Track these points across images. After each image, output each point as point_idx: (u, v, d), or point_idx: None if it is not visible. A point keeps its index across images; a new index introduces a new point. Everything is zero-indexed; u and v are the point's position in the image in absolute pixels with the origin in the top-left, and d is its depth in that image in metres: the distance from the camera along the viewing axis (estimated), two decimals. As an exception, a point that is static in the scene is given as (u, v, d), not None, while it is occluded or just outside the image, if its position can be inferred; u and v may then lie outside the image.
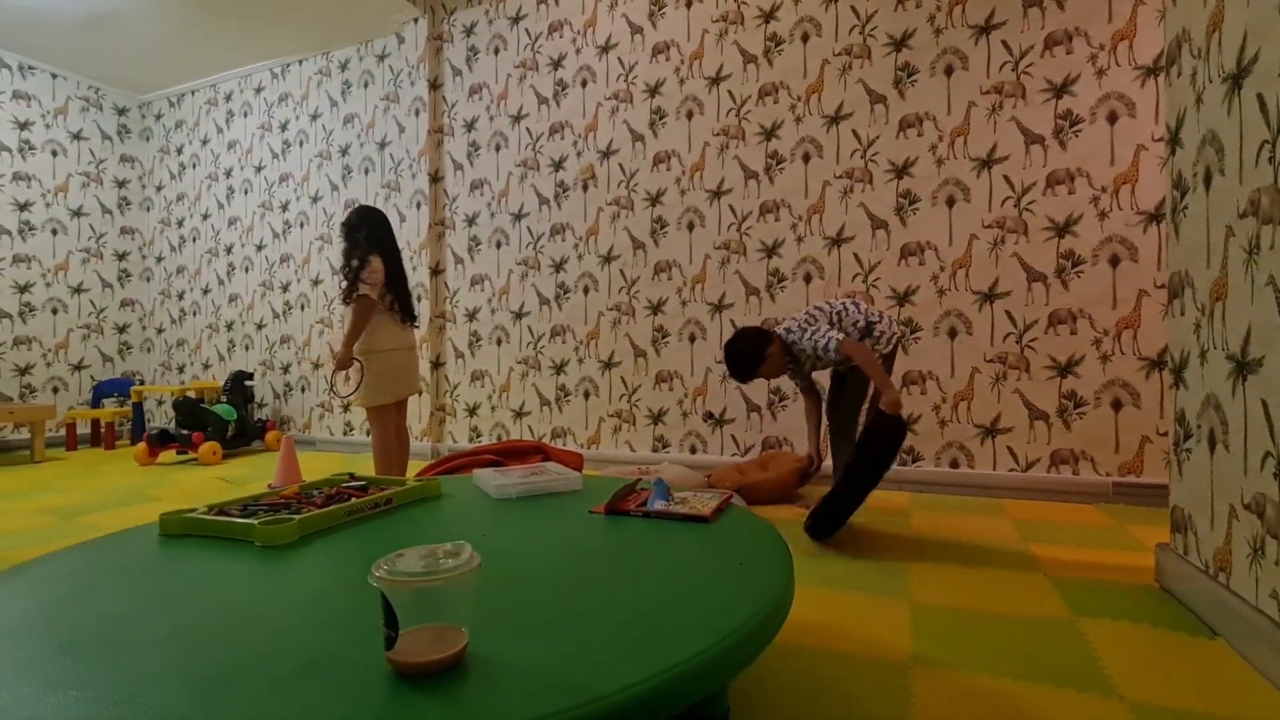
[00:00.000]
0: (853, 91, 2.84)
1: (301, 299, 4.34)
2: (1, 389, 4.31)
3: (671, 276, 3.21)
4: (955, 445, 2.67)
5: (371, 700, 0.55)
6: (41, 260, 4.52)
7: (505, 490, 1.34)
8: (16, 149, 4.39)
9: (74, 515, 2.47)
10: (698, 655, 0.63)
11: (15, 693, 0.57)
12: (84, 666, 0.62)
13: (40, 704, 0.55)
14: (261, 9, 3.79)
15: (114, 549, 1.00)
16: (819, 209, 2.90)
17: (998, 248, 2.61)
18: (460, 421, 3.79)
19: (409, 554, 0.62)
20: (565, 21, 3.48)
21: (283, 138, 4.43)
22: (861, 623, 1.36)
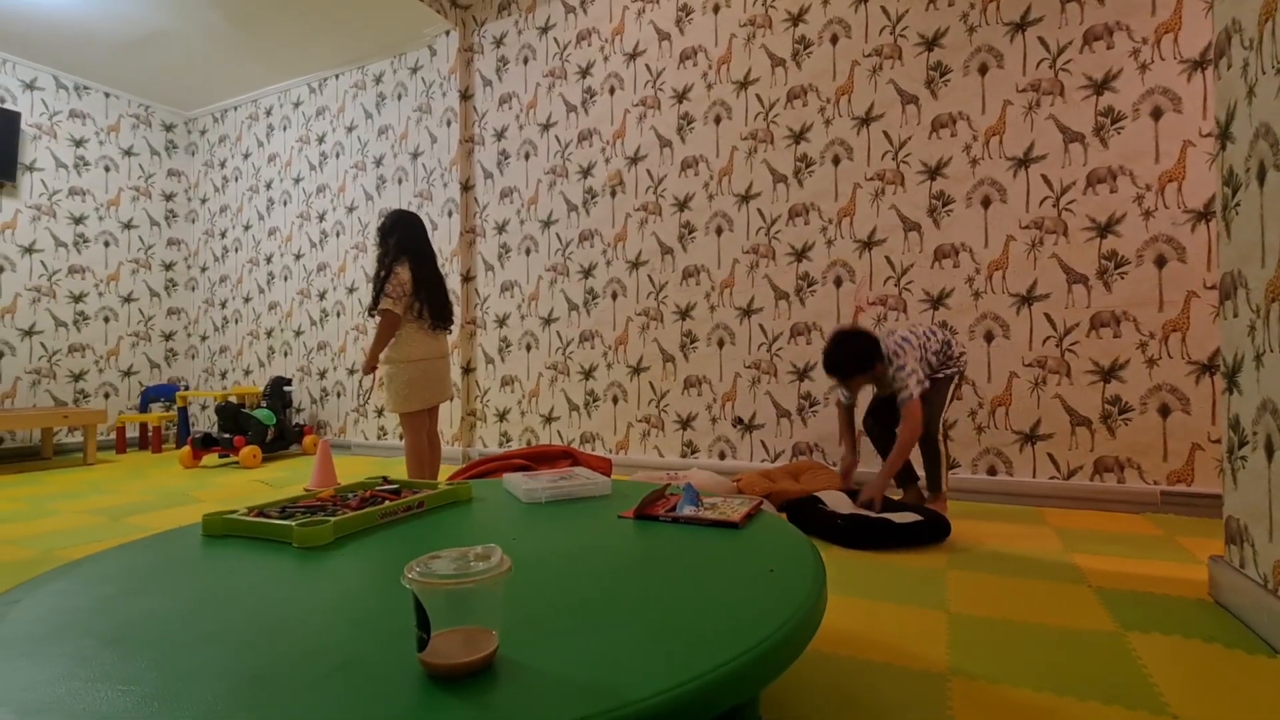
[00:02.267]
0: (883, 92, 2.80)
1: (338, 306, 4.44)
2: (57, 394, 4.51)
3: (700, 281, 3.20)
4: (993, 452, 2.59)
5: (404, 701, 0.56)
6: (94, 271, 4.72)
7: (535, 494, 1.35)
8: (72, 165, 4.61)
9: (122, 516, 2.57)
10: (728, 663, 0.62)
11: (69, 685, 0.59)
12: (131, 661, 0.64)
13: (91, 697, 0.57)
14: (300, 25, 3.91)
15: (159, 549, 1.04)
16: (849, 212, 2.87)
17: (1036, 249, 2.54)
18: (490, 426, 3.83)
19: (441, 556, 0.63)
20: (593, 30, 3.51)
21: (320, 150, 4.55)
22: (896, 633, 1.33)
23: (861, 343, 2.16)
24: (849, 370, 2.15)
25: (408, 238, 2.44)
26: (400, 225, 2.46)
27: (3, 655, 0.66)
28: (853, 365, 2.14)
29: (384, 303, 2.34)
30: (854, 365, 2.14)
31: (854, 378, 2.17)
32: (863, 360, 2.13)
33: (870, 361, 2.13)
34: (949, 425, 2.65)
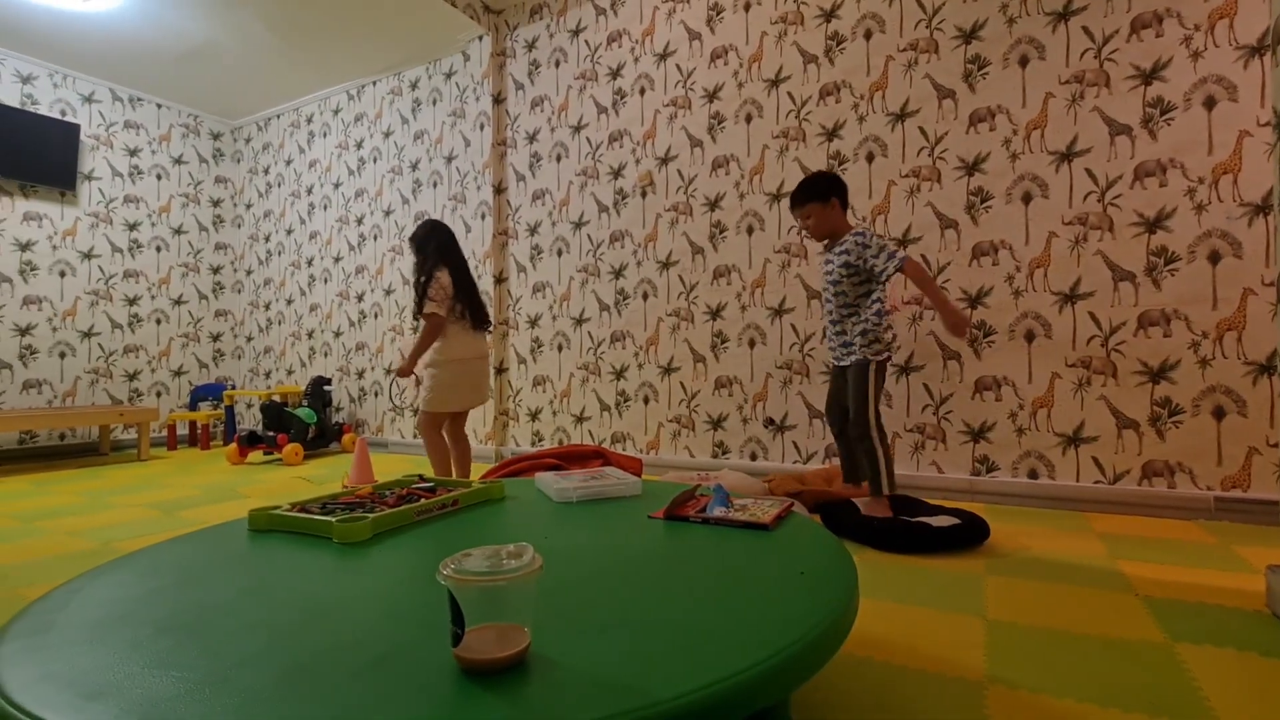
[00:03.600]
0: (919, 87, 2.75)
1: (375, 308, 4.55)
2: (113, 392, 4.72)
3: (731, 281, 3.19)
4: (1034, 455, 2.52)
5: (439, 695, 0.57)
6: (147, 275, 4.93)
7: (566, 494, 1.37)
8: (127, 173, 4.82)
9: (174, 510, 2.68)
10: (757, 665, 0.62)
11: (126, 670, 0.62)
12: (183, 649, 0.67)
13: (147, 682, 0.60)
14: (339, 35, 4.02)
15: (208, 542, 1.08)
16: (884, 209, 2.82)
17: (1080, 245, 2.46)
18: (523, 426, 3.88)
19: (474, 554, 0.64)
20: (624, 31, 3.53)
21: (358, 155, 4.67)
22: (932, 638, 1.30)
23: (828, 177, 2.22)
24: (806, 191, 2.18)
25: (444, 245, 2.51)
26: (436, 233, 2.54)
27: (66, 641, 0.70)
28: (813, 186, 2.17)
29: (429, 306, 2.41)
30: (816, 186, 2.17)
31: (807, 204, 2.18)
32: (824, 184, 2.17)
33: (827, 192, 2.16)
34: (987, 429, 2.59)
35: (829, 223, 2.18)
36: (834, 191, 2.17)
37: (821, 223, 2.19)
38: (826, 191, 2.17)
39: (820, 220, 2.18)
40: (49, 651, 0.67)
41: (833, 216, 2.18)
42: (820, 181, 2.19)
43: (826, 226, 2.19)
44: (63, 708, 0.55)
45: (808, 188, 2.19)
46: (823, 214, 2.18)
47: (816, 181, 2.20)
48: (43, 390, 4.37)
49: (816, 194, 2.17)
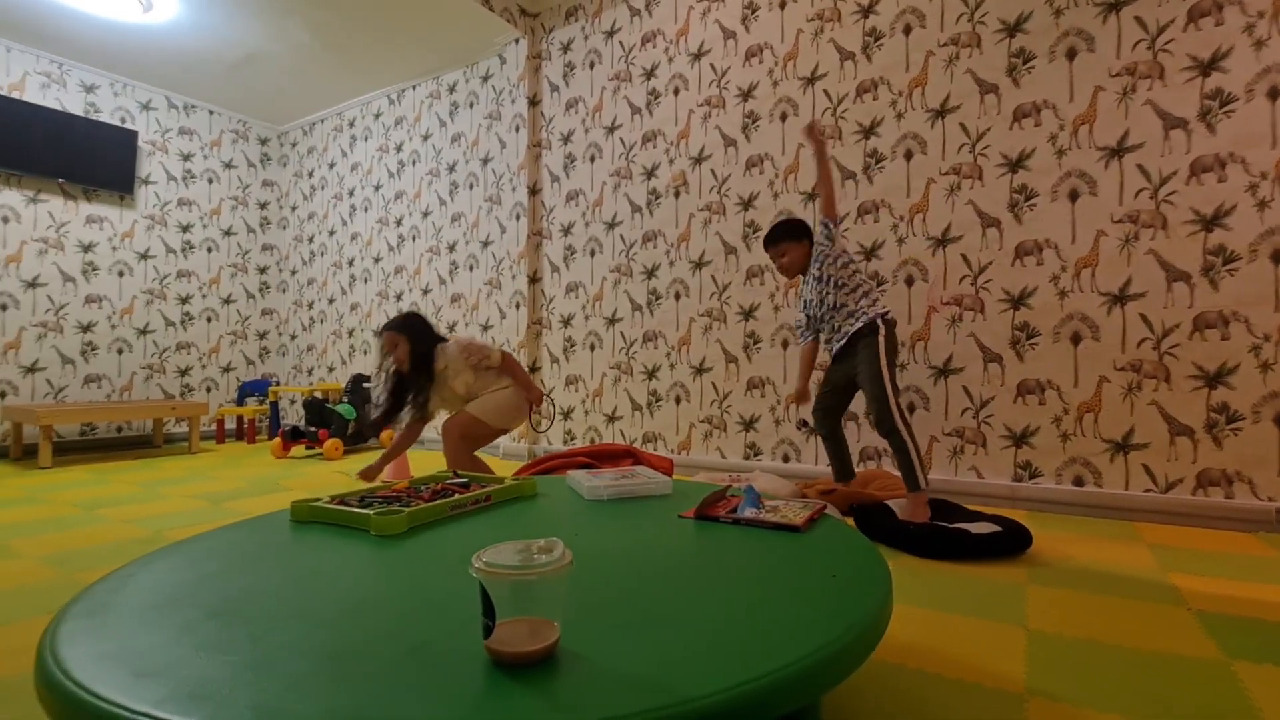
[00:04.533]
0: (960, 83, 2.68)
1: (413, 307, 4.65)
2: (166, 387, 4.93)
3: (764, 281, 3.16)
4: (1080, 461, 2.43)
5: (471, 686, 0.58)
6: (199, 275, 5.14)
7: (597, 491, 1.37)
8: (181, 178, 5.03)
9: (221, 501, 2.78)
10: (786, 667, 0.61)
11: (176, 651, 0.65)
12: (230, 633, 0.70)
13: (195, 664, 0.63)
14: (381, 41, 4.12)
15: (254, 532, 1.12)
16: (922, 208, 2.76)
17: (1130, 244, 2.37)
18: (555, 425, 3.91)
19: (506, 548, 0.65)
20: (658, 32, 3.53)
21: (398, 158, 4.78)
22: (970, 647, 1.27)
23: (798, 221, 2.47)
24: (778, 232, 2.42)
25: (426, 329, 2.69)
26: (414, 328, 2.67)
27: (122, 622, 0.73)
28: (782, 230, 2.42)
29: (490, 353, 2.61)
30: (783, 230, 2.42)
31: (781, 242, 2.42)
32: (795, 229, 2.42)
33: (800, 233, 2.41)
34: (1030, 433, 2.51)
35: (802, 259, 2.42)
36: (806, 234, 2.44)
37: (795, 260, 2.42)
38: (801, 233, 2.42)
39: (794, 258, 2.42)
40: (105, 632, 0.70)
41: (804, 254, 2.42)
42: (799, 224, 2.45)
43: (800, 264, 2.43)
44: (117, 685, 0.58)
45: (790, 228, 2.43)
46: (797, 251, 2.41)
47: (796, 224, 2.45)
48: (102, 385, 4.59)
49: (795, 234, 2.41)
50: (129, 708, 0.54)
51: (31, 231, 4.27)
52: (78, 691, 0.58)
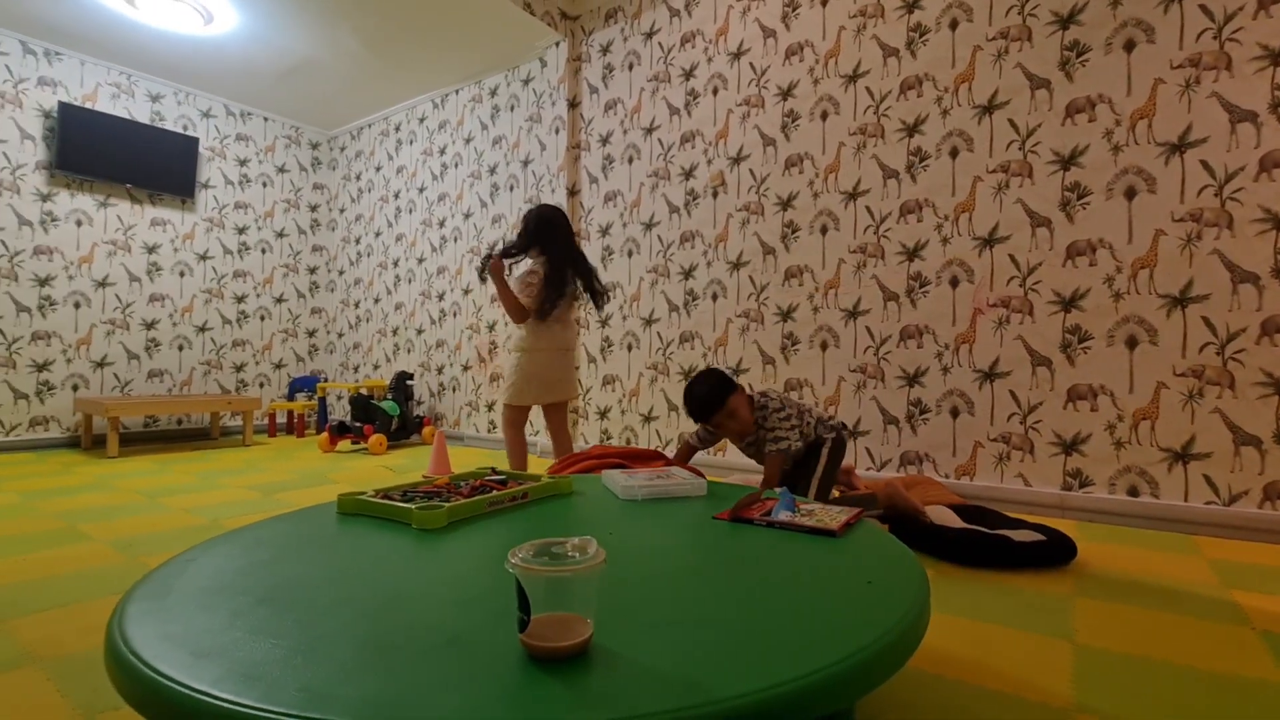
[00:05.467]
0: (1010, 78, 2.60)
1: (454, 307, 4.75)
2: (223, 382, 5.16)
3: (803, 282, 3.12)
4: (1135, 470, 2.33)
5: (507, 678, 0.60)
6: (253, 275, 5.36)
7: (632, 491, 1.38)
8: (237, 182, 5.25)
9: (273, 492, 2.90)
10: (818, 671, 0.61)
11: (231, 635, 0.69)
12: (278, 619, 0.73)
13: (248, 647, 0.66)
14: (426, 47, 4.23)
15: (302, 522, 1.17)
16: (968, 207, 2.68)
17: (1192, 244, 2.26)
18: (592, 424, 3.94)
19: (541, 545, 0.66)
20: (697, 32, 3.53)
21: (441, 161, 4.89)
22: (1013, 660, 1.23)
23: (712, 377, 2.23)
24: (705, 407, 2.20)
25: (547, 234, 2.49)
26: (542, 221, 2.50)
27: (182, 605, 0.77)
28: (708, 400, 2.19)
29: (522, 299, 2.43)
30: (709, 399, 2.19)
31: (715, 413, 2.20)
32: (716, 392, 2.19)
33: (723, 391, 2.19)
34: (1080, 440, 2.42)
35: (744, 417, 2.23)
36: (727, 393, 2.21)
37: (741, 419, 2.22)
38: (721, 397, 2.19)
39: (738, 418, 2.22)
40: (167, 614, 0.75)
41: (741, 408, 2.22)
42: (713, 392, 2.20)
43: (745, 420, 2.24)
44: (178, 664, 0.62)
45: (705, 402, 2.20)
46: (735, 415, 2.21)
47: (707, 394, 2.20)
48: (164, 379, 4.84)
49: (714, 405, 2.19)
50: (190, 686, 0.58)
51: (101, 234, 4.53)
52: (144, 669, 0.62)
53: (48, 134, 4.27)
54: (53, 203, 4.31)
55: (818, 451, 2.27)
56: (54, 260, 4.32)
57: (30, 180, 4.22)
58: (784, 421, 2.23)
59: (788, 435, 2.21)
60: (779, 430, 2.22)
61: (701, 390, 2.23)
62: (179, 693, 0.57)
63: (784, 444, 2.20)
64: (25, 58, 4.18)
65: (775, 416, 2.24)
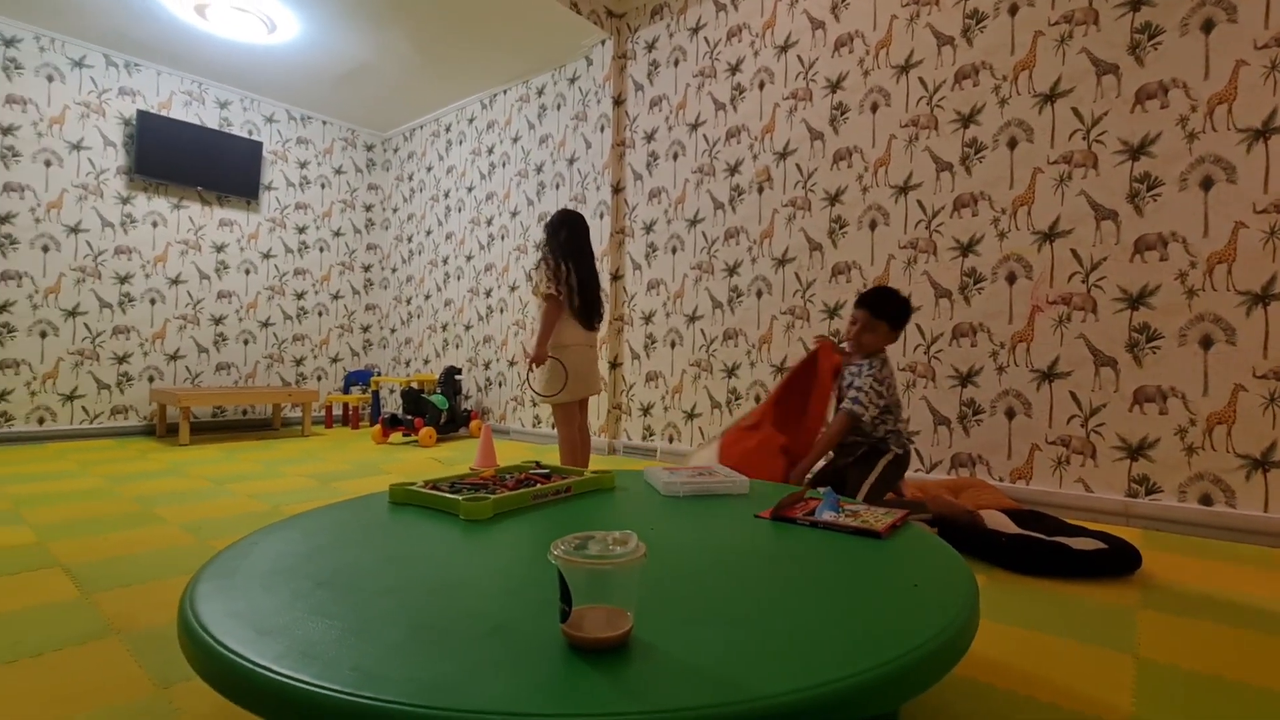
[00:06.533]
0: (1074, 64, 2.48)
1: (501, 303, 4.85)
2: (284, 375, 5.40)
3: (850, 279, 3.06)
4: (1208, 478, 2.20)
5: (548, 667, 0.61)
6: (312, 272, 5.59)
7: (673, 488, 1.39)
8: (298, 183, 5.48)
9: (329, 481, 3.02)
10: (859, 674, 0.60)
11: (291, 614, 0.73)
12: (335, 601, 0.77)
13: (306, 626, 0.69)
14: (476, 50, 4.32)
15: (356, 510, 1.22)
16: (1026, 200, 2.58)
17: (1276, 237, 2.11)
18: (635, 420, 3.96)
19: (582, 538, 0.68)
20: (744, 25, 3.49)
21: (489, 160, 4.99)
22: (1068, 671, 1.19)
23: (897, 300, 2.19)
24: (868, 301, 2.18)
25: (571, 237, 2.57)
26: (566, 224, 2.59)
27: (247, 585, 0.82)
28: (875, 300, 2.18)
29: (546, 287, 2.47)
30: (875, 301, 2.17)
31: (861, 308, 2.18)
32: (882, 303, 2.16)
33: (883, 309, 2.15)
34: (1147, 445, 2.30)
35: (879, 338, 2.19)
36: (887, 315, 2.17)
37: (862, 332, 2.19)
38: (882, 309, 2.17)
39: (863, 329, 2.19)
40: (233, 593, 0.79)
41: (883, 332, 2.18)
42: (883, 297, 2.20)
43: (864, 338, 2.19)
44: (243, 640, 0.66)
45: (874, 297, 2.21)
46: (869, 326, 2.18)
47: (881, 295, 2.21)
48: (230, 372, 5.10)
49: (873, 305, 2.18)
50: (254, 660, 0.61)
51: (175, 234, 4.80)
52: (212, 644, 0.66)
53: (127, 140, 4.54)
54: (131, 205, 4.59)
55: (876, 458, 2.18)
56: (132, 259, 4.60)
57: (112, 184, 4.50)
58: (870, 391, 2.11)
59: (866, 404, 2.10)
60: (862, 393, 2.11)
61: (885, 292, 2.23)
62: (244, 667, 0.61)
63: (857, 407, 2.10)
64: (108, 69, 4.46)
65: (869, 379, 2.12)
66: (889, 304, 2.18)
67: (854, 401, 2.12)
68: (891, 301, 2.18)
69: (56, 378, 4.28)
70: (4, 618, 1.38)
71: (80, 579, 1.63)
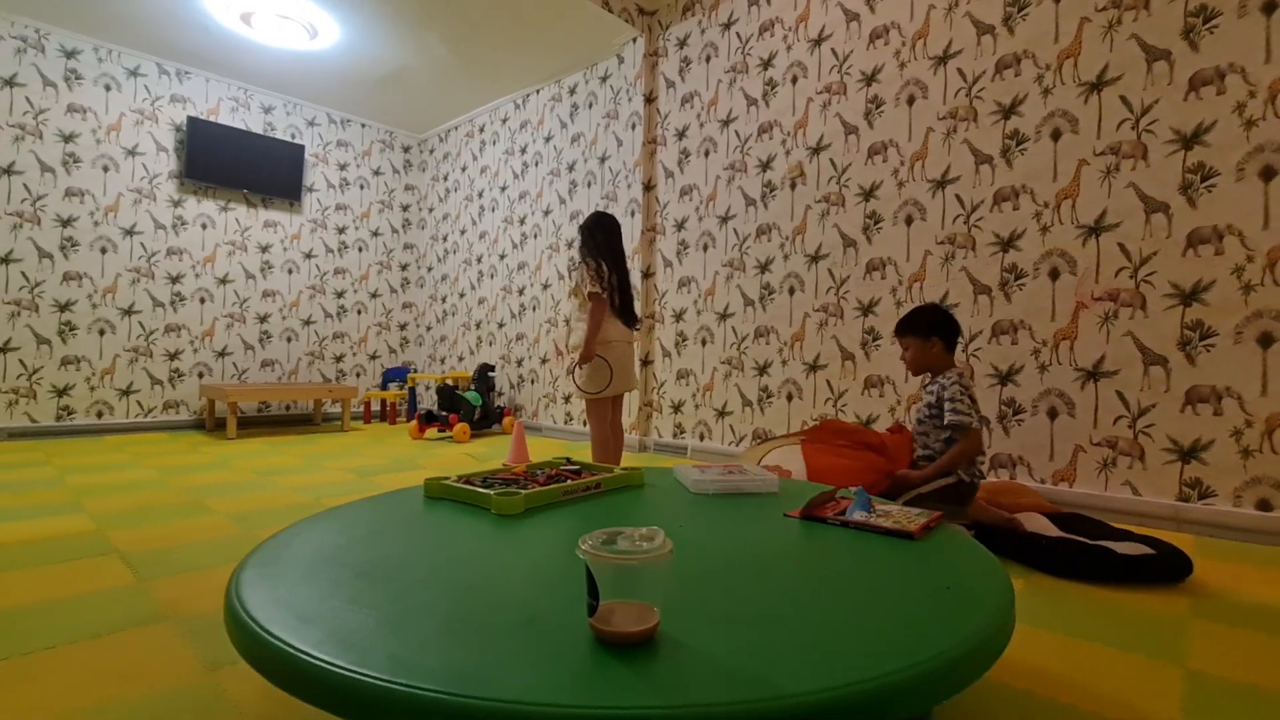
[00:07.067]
0: (1122, 51, 2.39)
1: (533, 301, 4.90)
2: (324, 372, 5.56)
3: (885, 275, 3.01)
4: (1267, 482, 2.10)
5: (577, 660, 0.62)
6: (351, 272, 5.73)
7: (703, 485, 1.39)
8: (338, 185, 5.63)
9: (368, 475, 3.10)
10: (889, 674, 0.60)
11: (330, 603, 0.75)
12: (372, 591, 0.79)
13: (345, 615, 0.72)
14: (509, 51, 4.37)
15: (393, 504, 1.25)
16: (1071, 193, 2.49)
17: (1344, 229, 2.00)
18: (665, 417, 3.96)
19: (610, 533, 0.68)
20: (776, 20, 3.45)
21: (522, 160, 5.04)
22: (1111, 681, 1.15)
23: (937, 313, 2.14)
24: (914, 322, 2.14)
25: (605, 237, 2.60)
26: (600, 225, 2.63)
27: (289, 574, 0.85)
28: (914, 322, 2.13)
29: (591, 286, 2.50)
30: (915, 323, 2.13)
31: (905, 335, 2.16)
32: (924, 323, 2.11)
33: (929, 329, 2.10)
34: (1199, 447, 2.20)
35: (932, 358, 2.13)
36: (935, 331, 2.11)
37: (928, 357, 2.13)
38: (928, 329, 2.12)
39: (917, 354, 2.14)
40: (276, 581, 0.82)
41: (937, 349, 2.12)
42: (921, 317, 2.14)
43: (929, 361, 2.13)
44: (286, 627, 0.68)
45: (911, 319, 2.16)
46: (921, 349, 2.13)
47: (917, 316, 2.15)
48: (274, 368, 5.27)
49: (916, 328, 2.13)
50: (296, 646, 0.64)
51: (223, 235, 4.98)
52: (257, 629, 0.69)
53: (178, 146, 4.73)
54: (182, 208, 4.78)
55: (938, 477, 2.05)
56: (183, 260, 4.79)
57: (164, 188, 4.69)
58: (964, 399, 2.00)
59: (966, 411, 1.98)
60: (959, 404, 1.99)
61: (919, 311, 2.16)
62: (286, 652, 0.64)
63: (965, 419, 1.97)
64: (160, 77, 4.65)
65: (956, 388, 2.02)
66: (927, 319, 2.12)
67: (954, 413, 1.98)
68: (927, 316, 2.13)
69: (113, 374, 4.49)
70: (68, 601, 1.46)
71: (136, 566, 1.71)
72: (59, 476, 2.91)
